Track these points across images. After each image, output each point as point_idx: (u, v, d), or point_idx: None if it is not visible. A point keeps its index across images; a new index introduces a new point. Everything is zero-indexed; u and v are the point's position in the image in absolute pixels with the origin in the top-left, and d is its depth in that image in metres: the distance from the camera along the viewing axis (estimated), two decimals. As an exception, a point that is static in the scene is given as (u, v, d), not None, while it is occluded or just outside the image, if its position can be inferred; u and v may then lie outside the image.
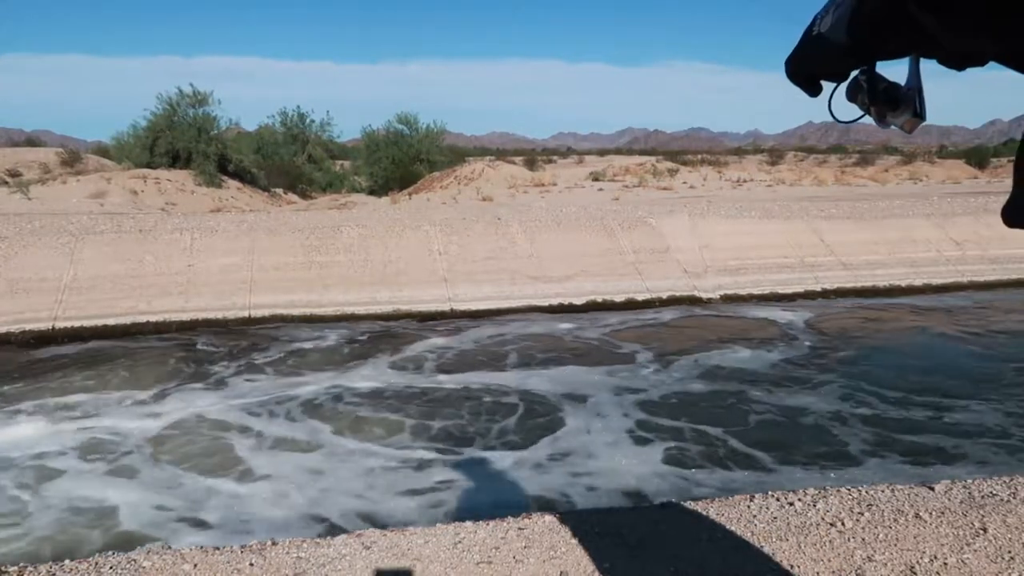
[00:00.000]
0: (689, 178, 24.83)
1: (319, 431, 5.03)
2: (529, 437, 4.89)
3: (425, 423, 5.15)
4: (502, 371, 6.34)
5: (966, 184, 22.62)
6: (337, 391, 5.82)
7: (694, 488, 4.10)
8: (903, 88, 0.79)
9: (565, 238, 9.39)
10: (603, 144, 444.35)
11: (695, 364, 6.48)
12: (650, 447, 4.70)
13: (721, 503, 2.75)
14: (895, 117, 0.80)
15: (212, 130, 23.25)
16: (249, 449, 4.74)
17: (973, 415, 5.17)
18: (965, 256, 10.05)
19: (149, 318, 7.56)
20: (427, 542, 2.44)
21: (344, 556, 2.35)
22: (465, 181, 21.80)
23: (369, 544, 2.43)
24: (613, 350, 6.97)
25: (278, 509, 3.92)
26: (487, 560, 2.32)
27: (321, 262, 8.50)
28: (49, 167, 24.82)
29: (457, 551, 2.38)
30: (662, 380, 6.06)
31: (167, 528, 3.72)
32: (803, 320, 7.99)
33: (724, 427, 5.01)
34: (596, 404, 5.51)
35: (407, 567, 2.29)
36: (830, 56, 0.78)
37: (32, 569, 2.35)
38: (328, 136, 33.61)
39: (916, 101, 0.79)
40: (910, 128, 0.80)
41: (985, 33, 0.61)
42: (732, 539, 2.44)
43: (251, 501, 4.02)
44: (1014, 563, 2.26)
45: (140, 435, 4.92)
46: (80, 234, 8.39)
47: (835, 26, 0.75)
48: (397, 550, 2.39)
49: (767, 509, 2.66)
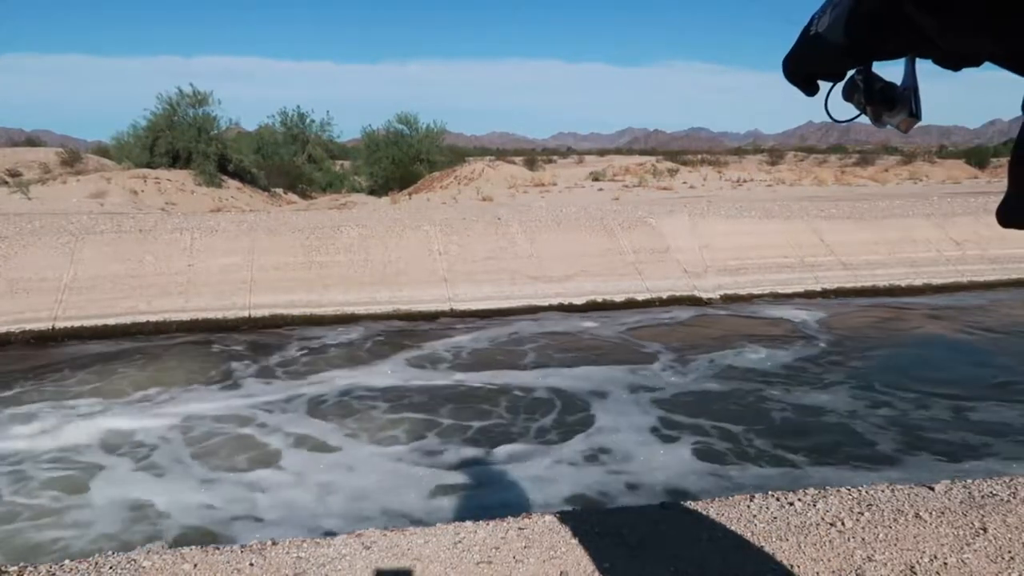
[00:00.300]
0: (689, 178, 24.84)
1: (347, 429, 5.07)
2: (563, 434, 4.93)
3: (457, 422, 5.18)
4: (524, 369, 6.39)
5: (966, 184, 22.63)
6: (370, 388, 5.90)
7: (730, 485, 4.14)
8: (899, 88, 0.79)
9: (565, 238, 9.39)
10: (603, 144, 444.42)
11: (715, 363, 6.53)
12: (680, 445, 4.74)
13: (721, 503, 2.75)
14: (891, 117, 0.80)
15: (212, 130, 23.24)
16: (283, 446, 4.78)
17: (995, 413, 5.19)
18: (965, 256, 10.05)
19: (149, 318, 7.56)
20: (427, 542, 2.44)
21: (344, 556, 2.35)
22: (465, 181, 21.80)
23: (369, 544, 2.43)
24: (636, 348, 7.01)
25: (321, 506, 3.95)
26: (487, 560, 2.32)
27: (321, 262, 8.50)
28: (49, 167, 24.82)
29: (457, 551, 2.38)
30: (684, 378, 6.11)
31: (219, 524, 3.76)
32: (816, 319, 8.04)
33: (751, 424, 5.04)
34: (623, 401, 5.54)
35: (407, 567, 2.29)
36: (827, 56, 0.78)
37: (32, 569, 2.35)
38: (328, 136, 33.64)
39: (912, 101, 0.79)
40: (906, 128, 0.81)
41: (984, 33, 0.61)
42: (732, 539, 2.44)
43: (296, 496, 4.06)
44: (1014, 563, 2.26)
45: (178, 434, 4.97)
46: (80, 234, 8.39)
47: (832, 26, 0.75)
48: (397, 550, 2.39)
49: (767, 509, 2.66)
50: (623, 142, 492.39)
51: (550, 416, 5.29)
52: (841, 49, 0.76)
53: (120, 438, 4.89)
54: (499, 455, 4.62)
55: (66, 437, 4.91)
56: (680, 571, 2.24)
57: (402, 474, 4.36)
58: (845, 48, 0.75)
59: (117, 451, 4.69)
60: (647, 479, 4.23)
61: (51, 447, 4.73)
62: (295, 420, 5.22)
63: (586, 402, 5.54)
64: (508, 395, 5.73)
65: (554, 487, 4.16)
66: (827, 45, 0.77)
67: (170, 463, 4.51)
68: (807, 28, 0.80)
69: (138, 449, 4.73)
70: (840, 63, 0.79)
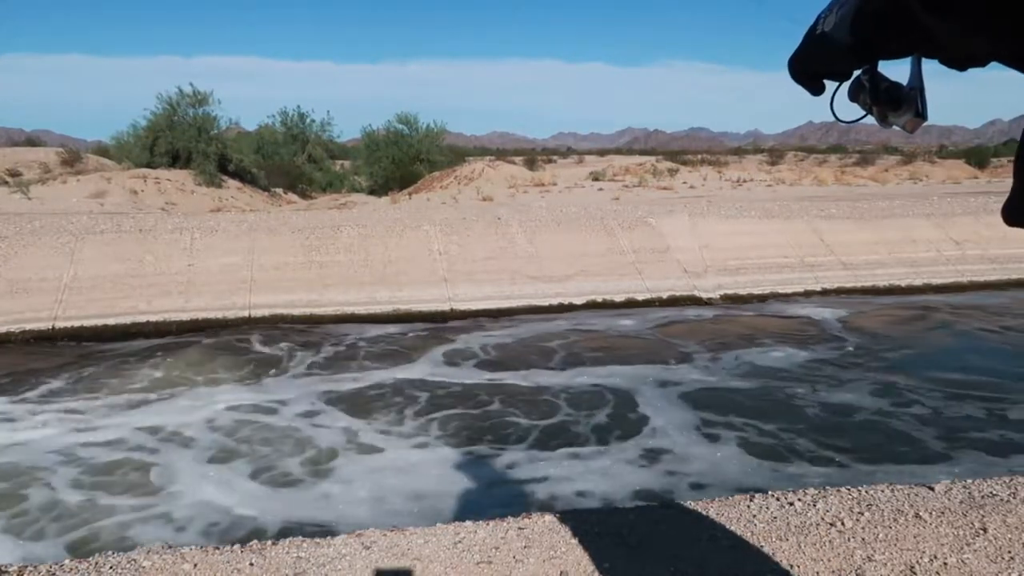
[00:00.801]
0: (689, 178, 24.82)
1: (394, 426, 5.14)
2: (615, 431, 4.99)
3: (509, 420, 5.24)
4: (554, 369, 6.47)
5: (966, 184, 22.61)
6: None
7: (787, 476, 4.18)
8: (905, 88, 0.79)
9: (565, 238, 9.39)
10: (603, 144, 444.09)
11: (743, 361, 6.60)
12: (728, 443, 4.79)
13: (721, 503, 2.75)
14: (897, 117, 0.80)
15: (212, 130, 23.22)
16: (334, 444, 4.84)
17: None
18: (965, 256, 10.05)
19: (149, 318, 7.56)
20: (427, 542, 2.44)
21: (344, 556, 2.35)
22: (465, 181, 21.79)
23: (369, 544, 2.43)
24: (671, 346, 7.11)
25: (381, 505, 4.00)
26: (487, 560, 2.32)
27: (321, 262, 8.50)
28: (49, 167, 24.80)
29: (457, 551, 2.38)
30: (719, 376, 6.18)
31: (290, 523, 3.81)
32: (837, 317, 8.10)
33: (791, 423, 5.09)
34: (667, 399, 5.61)
35: (407, 567, 2.29)
36: (833, 55, 0.78)
37: (32, 569, 2.35)
38: (328, 136, 33.61)
39: (918, 101, 0.79)
40: (912, 128, 0.81)
41: (985, 33, 0.61)
42: (732, 539, 2.44)
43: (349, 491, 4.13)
44: (1014, 563, 2.26)
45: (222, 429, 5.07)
46: (80, 234, 8.39)
47: (839, 25, 0.75)
48: (397, 550, 2.39)
49: (767, 509, 2.66)
50: (623, 142, 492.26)
51: (602, 412, 5.35)
52: (847, 49, 0.76)
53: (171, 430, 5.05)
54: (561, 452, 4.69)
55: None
56: (680, 571, 2.24)
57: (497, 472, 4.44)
58: (850, 47, 0.75)
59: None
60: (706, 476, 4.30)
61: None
62: (347, 415, 5.35)
63: (630, 399, 5.59)
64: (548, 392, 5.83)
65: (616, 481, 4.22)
66: (833, 44, 0.77)
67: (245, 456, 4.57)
68: (813, 27, 0.80)
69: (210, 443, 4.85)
70: (846, 63, 0.79)
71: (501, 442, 4.83)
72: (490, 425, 5.15)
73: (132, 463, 4.52)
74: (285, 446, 4.79)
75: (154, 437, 4.90)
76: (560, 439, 4.88)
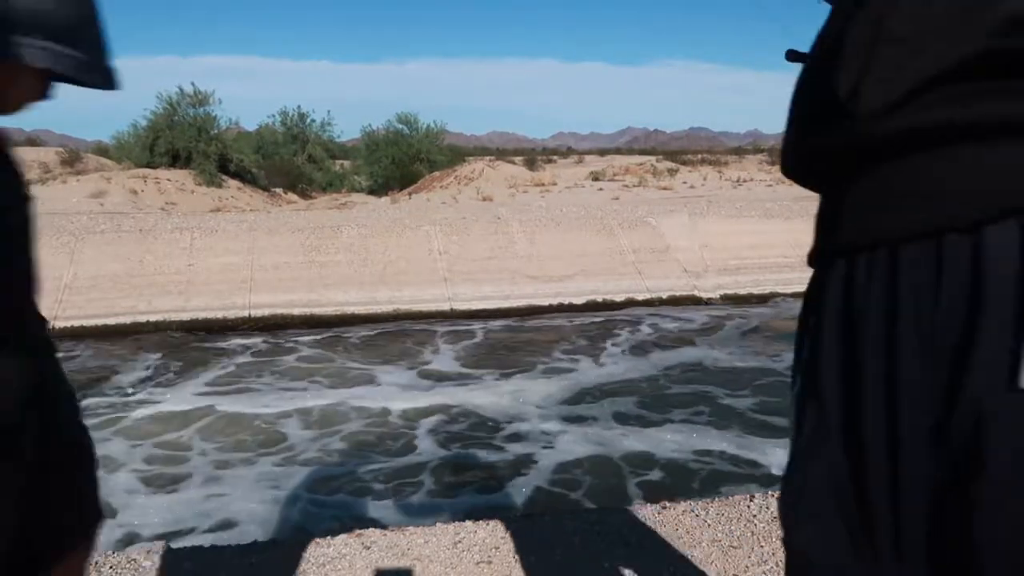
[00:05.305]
0: (689, 178, 24.82)
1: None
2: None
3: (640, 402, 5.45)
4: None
5: (966, 184, 22.57)
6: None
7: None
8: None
9: (565, 238, 9.39)
10: (603, 144, 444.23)
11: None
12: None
13: (721, 503, 2.75)
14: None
15: (212, 130, 23.22)
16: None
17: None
18: (965, 256, 10.05)
19: (149, 318, 7.57)
20: (427, 542, 2.44)
21: (344, 556, 2.35)
22: (465, 181, 21.79)
23: (369, 544, 2.43)
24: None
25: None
26: (487, 560, 2.32)
27: (321, 262, 8.50)
28: (49, 167, 24.80)
29: (457, 551, 2.38)
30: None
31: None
32: None
33: None
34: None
35: (407, 567, 2.29)
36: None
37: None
38: (328, 136, 33.61)
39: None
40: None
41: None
42: (733, 539, 2.44)
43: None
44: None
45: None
46: (80, 234, 8.40)
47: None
48: (397, 550, 2.39)
49: (767, 509, 2.66)
50: (623, 142, 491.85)
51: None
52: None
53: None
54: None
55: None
56: (680, 571, 2.24)
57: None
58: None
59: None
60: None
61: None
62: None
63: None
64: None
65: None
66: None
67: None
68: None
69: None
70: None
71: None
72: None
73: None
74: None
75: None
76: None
